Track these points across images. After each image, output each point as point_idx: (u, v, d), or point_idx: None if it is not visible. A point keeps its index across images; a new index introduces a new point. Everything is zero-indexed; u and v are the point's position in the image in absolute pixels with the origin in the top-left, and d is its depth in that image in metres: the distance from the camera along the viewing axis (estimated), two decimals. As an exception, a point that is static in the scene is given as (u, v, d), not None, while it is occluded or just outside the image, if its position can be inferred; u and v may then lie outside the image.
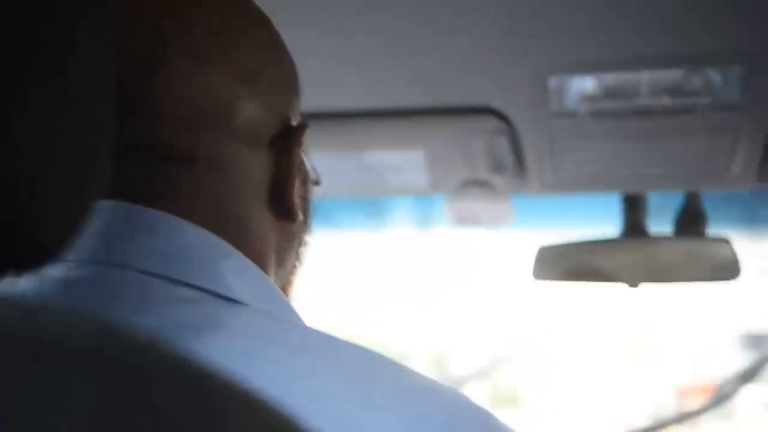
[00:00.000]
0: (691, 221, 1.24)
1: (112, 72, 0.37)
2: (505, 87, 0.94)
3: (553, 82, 0.92)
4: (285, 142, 0.56)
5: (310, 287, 0.63)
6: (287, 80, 0.58)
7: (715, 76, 0.90)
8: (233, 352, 0.43)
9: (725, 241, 1.20)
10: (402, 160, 1.08)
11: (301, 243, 0.60)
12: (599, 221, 1.32)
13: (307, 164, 0.60)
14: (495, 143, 1.03)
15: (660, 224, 1.26)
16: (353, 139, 1.03)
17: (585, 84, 0.93)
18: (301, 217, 0.56)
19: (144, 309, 0.45)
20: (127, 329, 0.31)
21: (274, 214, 0.55)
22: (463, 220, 1.28)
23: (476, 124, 1.00)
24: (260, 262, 0.53)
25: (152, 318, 0.44)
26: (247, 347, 0.43)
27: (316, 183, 0.63)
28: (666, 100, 0.93)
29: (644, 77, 0.92)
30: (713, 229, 1.24)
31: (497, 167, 1.08)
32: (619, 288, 1.26)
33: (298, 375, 0.42)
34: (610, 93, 0.94)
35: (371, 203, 1.45)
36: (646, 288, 1.24)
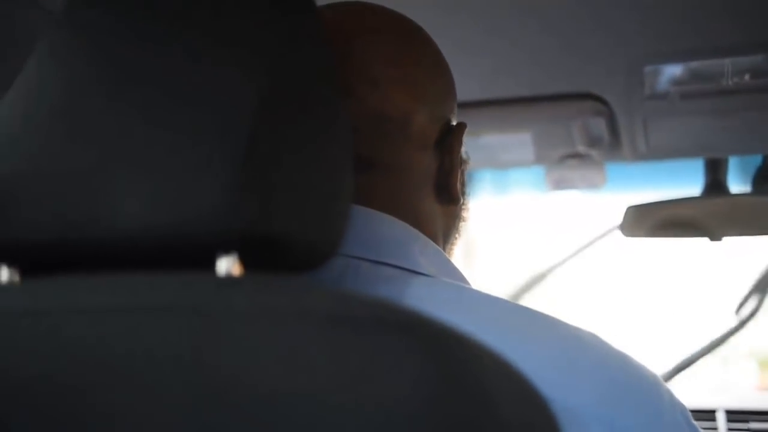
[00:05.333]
0: (768, 180, 1.37)
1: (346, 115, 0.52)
2: (604, 75, 1.09)
3: (648, 69, 1.06)
4: (448, 141, 0.66)
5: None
6: (448, 90, 0.69)
7: (791, 59, 1.04)
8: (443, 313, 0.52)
9: (800, 197, 1.33)
10: (512, 140, 1.24)
11: (461, 219, 0.72)
12: (684, 183, 1.45)
13: (463, 151, 0.69)
14: (593, 123, 1.18)
15: (740, 184, 1.39)
16: (470, 125, 1.19)
17: (676, 70, 1.07)
18: (461, 199, 0.68)
19: (370, 287, 0.56)
20: (381, 301, 0.38)
21: (440, 200, 0.66)
22: (559, 186, 1.44)
23: (577, 107, 1.15)
24: (433, 241, 0.64)
25: (381, 291, 0.56)
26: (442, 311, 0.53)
27: (466, 163, 0.74)
28: (747, 82, 1.07)
29: (727, 62, 1.05)
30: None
31: (594, 142, 1.24)
32: (700, 243, 1.40)
33: (479, 328, 0.48)
34: (697, 77, 1.07)
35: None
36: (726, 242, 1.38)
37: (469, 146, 1.29)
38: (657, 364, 1.72)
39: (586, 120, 1.18)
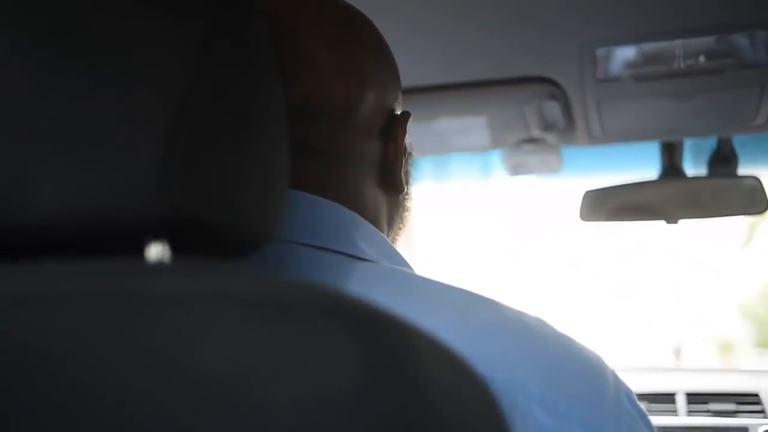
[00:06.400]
0: (723, 162, 1.37)
1: (282, 100, 0.51)
2: (556, 58, 1.08)
3: (600, 52, 1.05)
4: (392, 130, 0.65)
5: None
6: (392, 78, 0.68)
7: (741, 40, 1.03)
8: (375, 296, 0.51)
9: (755, 179, 1.34)
10: (466, 124, 1.23)
11: (405, 209, 0.71)
12: (641, 167, 1.45)
13: (407, 141, 0.69)
14: (547, 106, 1.18)
15: (695, 167, 1.39)
16: (425, 110, 1.18)
17: (628, 52, 1.07)
18: (405, 188, 0.67)
19: (310, 272, 0.56)
20: (310, 285, 0.37)
21: (383, 188, 0.66)
22: (517, 171, 1.43)
23: (531, 90, 1.14)
24: (376, 227, 0.64)
25: (321, 276, 0.55)
26: (383, 296, 0.50)
27: (410, 154, 0.72)
28: (699, 63, 1.06)
29: (679, 44, 1.05)
30: (744, 169, 1.37)
31: (549, 126, 1.23)
32: (658, 226, 1.41)
33: (420, 311, 0.49)
34: (650, 59, 1.07)
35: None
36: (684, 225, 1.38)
37: (424, 131, 1.29)
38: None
39: (540, 103, 1.17)
